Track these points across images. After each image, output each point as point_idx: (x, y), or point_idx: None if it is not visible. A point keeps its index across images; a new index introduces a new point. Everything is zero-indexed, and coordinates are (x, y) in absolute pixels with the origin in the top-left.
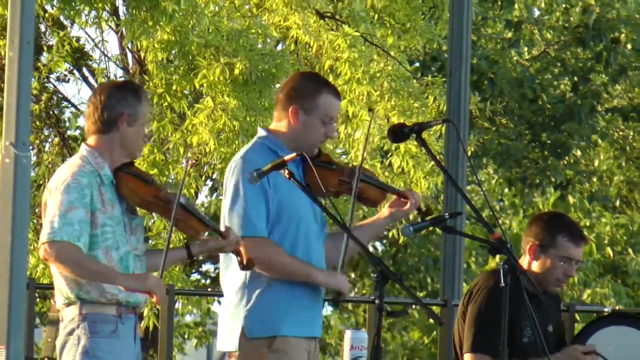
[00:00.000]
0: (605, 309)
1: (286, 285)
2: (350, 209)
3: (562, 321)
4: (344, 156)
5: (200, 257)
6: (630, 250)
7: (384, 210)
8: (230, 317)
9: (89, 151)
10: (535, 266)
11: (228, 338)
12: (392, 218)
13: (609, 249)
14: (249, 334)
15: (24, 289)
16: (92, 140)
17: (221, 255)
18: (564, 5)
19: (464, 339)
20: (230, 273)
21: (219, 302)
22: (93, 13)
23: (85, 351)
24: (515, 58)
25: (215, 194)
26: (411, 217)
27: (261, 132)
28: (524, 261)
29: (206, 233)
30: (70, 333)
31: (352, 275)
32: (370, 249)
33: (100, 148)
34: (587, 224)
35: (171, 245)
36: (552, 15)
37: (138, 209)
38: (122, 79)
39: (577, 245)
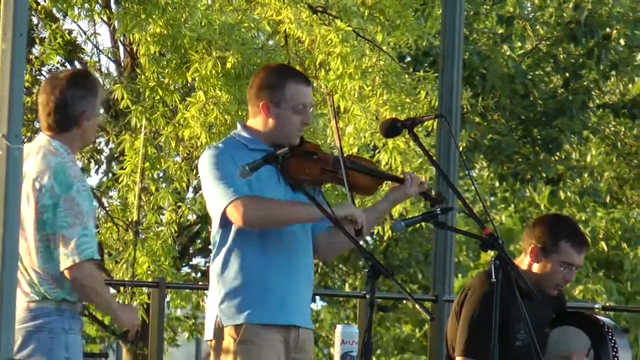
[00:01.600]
0: (596, 306)
1: (255, 275)
2: (348, 195)
3: None
4: (334, 150)
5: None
6: (624, 245)
7: (385, 195)
8: (209, 306)
9: (63, 147)
10: (535, 268)
11: (207, 327)
12: (390, 202)
13: (603, 244)
14: (221, 322)
15: (14, 283)
16: (55, 135)
17: (213, 244)
18: (557, 1)
19: (456, 340)
20: (213, 263)
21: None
22: (86, 6)
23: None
24: (507, 53)
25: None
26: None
27: (237, 127)
28: (524, 261)
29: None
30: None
31: (343, 268)
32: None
33: (68, 144)
34: (583, 218)
35: None
36: (545, 11)
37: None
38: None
39: (580, 251)
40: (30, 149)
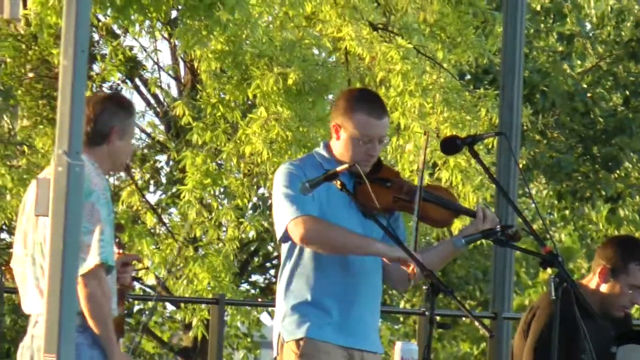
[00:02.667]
0: None
1: (320, 291)
2: (414, 229)
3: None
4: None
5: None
6: None
7: (459, 232)
8: (275, 322)
9: (90, 161)
10: (604, 289)
11: (274, 342)
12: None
13: None
14: (283, 338)
15: (74, 298)
16: (85, 150)
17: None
18: (614, 21)
19: (523, 357)
20: (280, 278)
21: (268, 312)
22: (147, 22)
23: None
24: (567, 71)
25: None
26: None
27: (320, 145)
28: (593, 281)
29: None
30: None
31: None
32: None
33: (96, 159)
34: None
35: None
36: (604, 30)
37: None
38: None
39: None
40: None
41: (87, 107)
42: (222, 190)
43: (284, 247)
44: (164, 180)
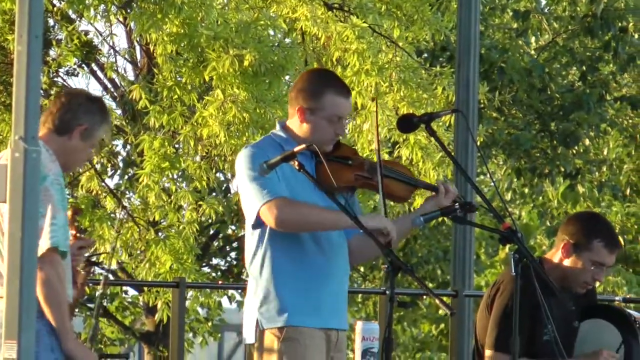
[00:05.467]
0: (617, 298)
1: (293, 278)
2: (381, 205)
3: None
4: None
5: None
6: None
7: (420, 206)
8: (248, 309)
9: (45, 147)
10: (567, 263)
11: (248, 330)
12: (420, 210)
13: (620, 238)
14: (262, 325)
15: (34, 283)
16: (45, 136)
17: (247, 246)
18: None
19: (487, 332)
20: (251, 265)
21: (228, 296)
22: (102, 7)
23: None
24: (523, 48)
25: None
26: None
27: (276, 126)
28: (556, 256)
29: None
30: None
31: (362, 269)
32: None
33: (54, 149)
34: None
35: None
36: (559, 6)
37: None
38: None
39: (612, 252)
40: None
41: (65, 95)
42: (180, 173)
43: (255, 233)
44: (121, 164)
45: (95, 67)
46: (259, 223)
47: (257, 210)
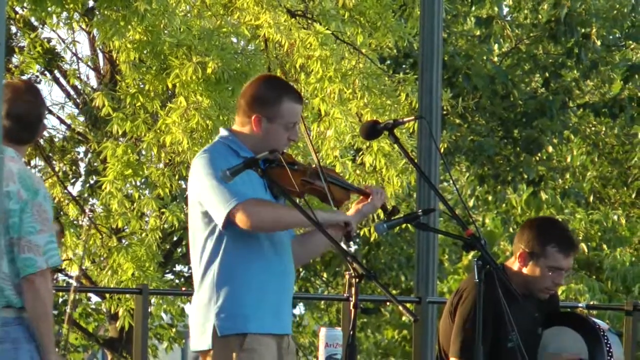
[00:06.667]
0: (580, 305)
1: (255, 282)
2: (333, 207)
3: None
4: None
5: None
6: (604, 246)
7: (352, 209)
8: (201, 316)
9: (18, 155)
10: (526, 271)
11: (201, 337)
12: (358, 215)
13: (583, 245)
14: (220, 332)
15: None
16: (12, 144)
17: (192, 252)
18: (531, 3)
19: (451, 340)
20: (208, 271)
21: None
22: (64, 14)
23: None
24: (485, 55)
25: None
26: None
27: (223, 132)
28: (515, 264)
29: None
30: None
31: (325, 276)
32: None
33: (22, 154)
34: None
35: None
36: (520, 13)
37: None
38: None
39: (567, 255)
40: None
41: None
42: (143, 180)
43: (212, 239)
44: (82, 172)
45: (58, 75)
46: (228, 226)
47: (226, 212)
